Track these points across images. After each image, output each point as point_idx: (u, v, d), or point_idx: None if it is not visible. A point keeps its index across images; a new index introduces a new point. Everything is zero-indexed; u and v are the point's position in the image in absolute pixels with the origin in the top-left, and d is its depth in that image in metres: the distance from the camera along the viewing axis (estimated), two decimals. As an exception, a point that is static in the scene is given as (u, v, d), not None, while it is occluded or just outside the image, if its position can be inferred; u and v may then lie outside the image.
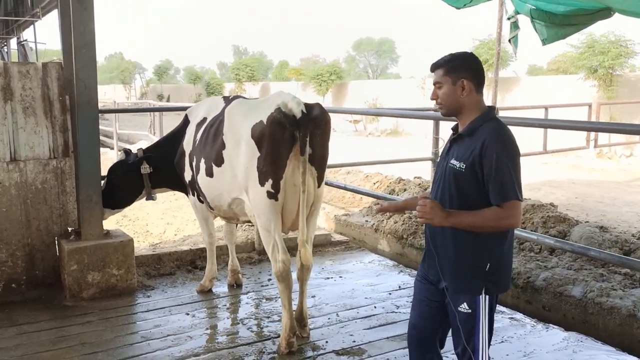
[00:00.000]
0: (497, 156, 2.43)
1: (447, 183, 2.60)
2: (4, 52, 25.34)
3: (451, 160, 2.58)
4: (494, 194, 2.46)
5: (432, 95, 2.65)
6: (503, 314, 4.43)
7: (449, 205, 2.57)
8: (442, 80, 2.61)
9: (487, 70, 22.94)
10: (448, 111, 2.64)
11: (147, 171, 4.62)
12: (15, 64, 4.54)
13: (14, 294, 4.59)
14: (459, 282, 2.61)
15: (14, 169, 4.53)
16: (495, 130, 2.51)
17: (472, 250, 2.57)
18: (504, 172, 2.44)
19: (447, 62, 2.63)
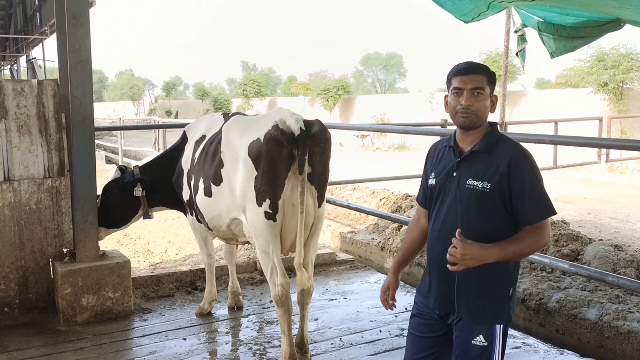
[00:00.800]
0: (530, 173, 2.30)
1: (465, 207, 2.34)
2: (14, 70, 25.59)
3: (468, 181, 2.34)
4: (532, 212, 2.29)
5: (468, 100, 2.31)
6: (515, 339, 4.22)
7: (471, 231, 2.30)
8: (485, 88, 2.35)
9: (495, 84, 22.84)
10: (475, 124, 2.36)
11: (140, 194, 4.48)
12: (9, 82, 4.45)
13: (6, 319, 4.44)
14: (481, 313, 2.37)
15: (7, 189, 4.41)
16: (520, 147, 2.37)
17: (495, 275, 2.35)
18: (541, 188, 2.31)
19: (487, 70, 2.39)
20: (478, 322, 2.37)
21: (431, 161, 2.56)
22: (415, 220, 2.69)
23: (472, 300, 2.36)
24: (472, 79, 2.33)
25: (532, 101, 21.55)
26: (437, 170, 2.47)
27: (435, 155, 2.55)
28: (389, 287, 2.71)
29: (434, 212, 2.47)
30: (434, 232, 2.48)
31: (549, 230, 2.32)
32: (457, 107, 2.34)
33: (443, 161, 2.47)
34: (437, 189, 2.45)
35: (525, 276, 4.96)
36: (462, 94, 2.33)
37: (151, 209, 4.63)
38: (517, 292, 4.63)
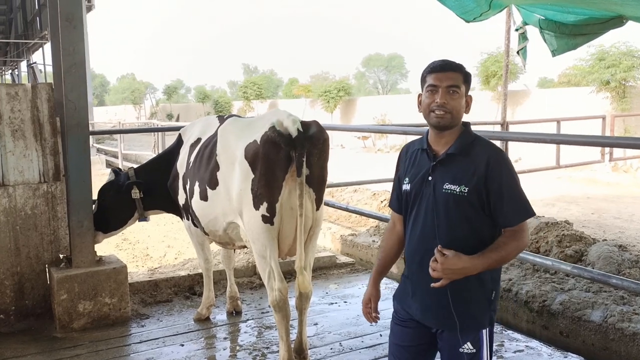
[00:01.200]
0: (507, 174, 2.22)
1: (444, 212, 2.24)
2: (15, 74, 25.64)
3: (445, 185, 2.23)
4: (511, 214, 2.21)
5: (443, 98, 2.21)
6: (518, 342, 4.15)
7: (451, 237, 2.23)
8: (460, 86, 2.26)
9: (496, 83, 22.76)
10: (450, 124, 2.26)
11: (137, 196, 4.43)
12: (3, 86, 4.39)
13: (1, 325, 4.38)
14: (466, 321, 2.28)
15: (2, 194, 4.35)
16: (496, 148, 2.29)
17: (478, 283, 2.26)
18: (519, 190, 2.24)
19: (463, 68, 2.31)
20: (464, 330, 2.28)
21: (404, 165, 2.45)
22: (390, 226, 2.57)
23: (456, 310, 2.27)
24: (447, 76, 2.24)
25: (534, 100, 21.47)
26: (410, 175, 2.37)
27: (408, 158, 2.44)
28: (370, 298, 2.59)
29: (411, 218, 2.37)
30: (412, 239, 2.38)
31: (527, 232, 2.27)
32: (431, 104, 2.25)
33: (416, 165, 2.36)
34: (412, 194, 2.34)
35: (528, 278, 4.89)
36: (437, 91, 2.23)
37: (147, 212, 4.57)
38: (520, 293, 4.58)
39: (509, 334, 4.31)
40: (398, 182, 2.46)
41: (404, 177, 2.39)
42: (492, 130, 8.40)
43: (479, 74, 24.11)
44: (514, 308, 4.62)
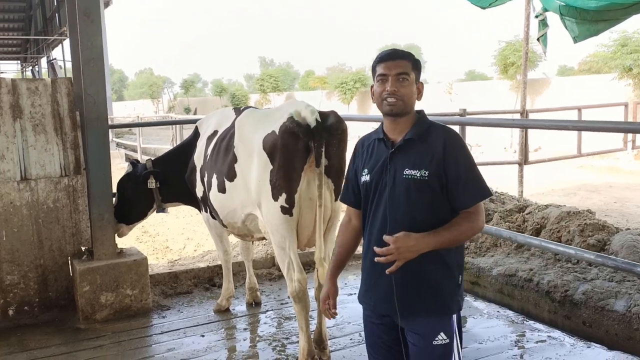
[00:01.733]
0: (463, 156, 2.25)
1: (405, 198, 2.23)
2: (35, 71, 25.97)
3: (405, 171, 2.23)
4: (467, 196, 2.22)
5: (393, 85, 2.22)
6: (540, 332, 4.11)
7: (412, 222, 2.21)
8: (410, 73, 2.26)
9: (515, 72, 22.47)
10: (402, 110, 2.26)
11: (154, 186, 4.46)
12: (23, 81, 4.44)
13: (26, 317, 4.46)
14: (437, 309, 2.25)
15: (24, 188, 4.42)
16: (451, 131, 2.31)
17: (443, 264, 2.25)
18: (475, 171, 2.27)
19: (411, 56, 2.30)
20: (436, 319, 2.25)
21: (360, 157, 2.42)
22: (346, 221, 2.53)
23: (424, 295, 2.24)
24: (396, 64, 2.26)
25: (554, 89, 21.16)
26: (369, 166, 2.34)
27: (365, 150, 2.41)
28: (328, 295, 2.53)
29: (371, 210, 2.33)
30: (372, 231, 2.32)
31: (483, 215, 2.28)
32: (382, 93, 2.25)
33: (374, 155, 2.35)
34: (372, 184, 2.32)
35: (550, 267, 4.82)
36: (387, 79, 2.25)
37: (165, 204, 4.60)
38: (542, 283, 4.53)
39: (530, 324, 4.27)
40: (355, 175, 2.43)
41: (362, 169, 2.37)
42: (512, 119, 8.28)
43: (496, 63, 23.81)
44: (535, 298, 4.56)
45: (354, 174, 2.44)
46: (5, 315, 4.41)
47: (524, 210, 5.93)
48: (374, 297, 2.33)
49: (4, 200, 4.34)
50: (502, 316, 4.44)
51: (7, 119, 4.30)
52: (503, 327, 4.22)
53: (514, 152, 18.49)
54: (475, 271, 5.12)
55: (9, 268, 4.40)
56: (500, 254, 5.31)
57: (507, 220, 5.82)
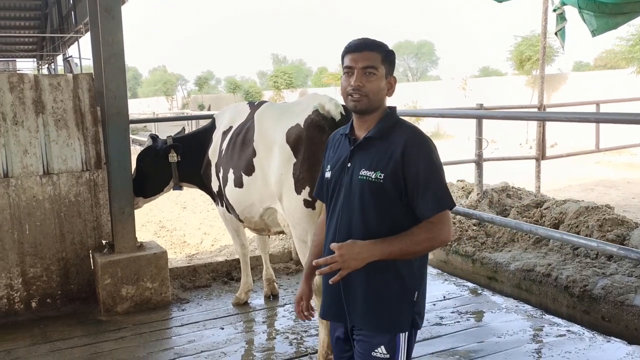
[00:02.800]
0: (425, 160, 2.01)
1: (358, 201, 2.04)
2: (52, 68, 26.21)
3: (360, 172, 2.04)
4: (427, 204, 1.99)
5: (358, 80, 2.01)
6: (559, 327, 4.10)
7: (365, 229, 2.03)
8: (379, 67, 2.04)
9: (531, 67, 22.29)
10: (367, 107, 2.05)
11: (175, 160, 4.48)
12: (46, 77, 4.51)
13: (49, 309, 4.54)
14: (381, 318, 2.06)
15: (47, 182, 4.49)
16: (416, 131, 2.08)
17: (395, 276, 2.05)
18: (438, 178, 2.02)
19: (382, 47, 2.08)
20: (376, 330, 2.08)
21: (328, 152, 2.26)
22: (323, 219, 2.34)
23: (366, 306, 2.07)
24: (363, 56, 2.03)
25: (570, 84, 20.96)
26: (332, 163, 2.18)
27: (333, 145, 2.24)
28: (301, 297, 2.33)
29: (330, 209, 2.17)
30: (328, 231, 2.17)
31: (448, 226, 2.02)
32: (347, 88, 2.05)
33: (338, 151, 2.18)
34: (332, 182, 2.15)
35: (568, 262, 4.80)
36: (352, 73, 2.04)
37: (181, 182, 4.63)
38: (560, 278, 4.51)
39: (549, 319, 4.26)
40: (322, 170, 2.29)
41: (327, 164, 2.22)
42: (531, 111, 8.21)
43: (512, 58, 23.64)
44: (554, 293, 4.55)
45: (322, 168, 2.30)
46: (28, 307, 4.49)
47: (541, 206, 5.91)
48: (326, 301, 2.19)
49: (27, 194, 4.41)
50: (521, 310, 4.43)
51: (30, 114, 4.37)
52: (522, 322, 4.21)
53: (529, 148, 18.36)
54: (492, 266, 5.12)
55: (32, 261, 4.48)
56: (517, 249, 5.30)
57: (524, 216, 5.81)
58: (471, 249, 5.46)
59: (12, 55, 26.80)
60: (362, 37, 2.11)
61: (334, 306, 2.15)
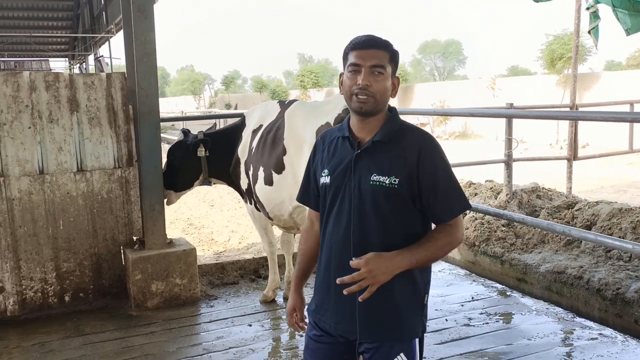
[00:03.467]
0: (441, 165, 1.98)
1: (372, 207, 1.95)
2: (83, 68, 26.71)
3: (372, 177, 1.95)
4: (445, 208, 1.97)
5: (366, 79, 1.92)
6: (591, 330, 4.03)
7: (384, 236, 1.95)
8: (386, 66, 1.96)
9: (563, 66, 21.91)
10: (373, 109, 1.97)
11: (203, 154, 4.52)
12: (80, 76, 4.60)
13: (82, 303, 4.64)
14: (401, 328, 1.99)
15: (81, 179, 4.58)
16: (428, 135, 2.04)
17: (410, 283, 1.99)
18: (454, 181, 2.00)
19: (390, 46, 2.00)
20: (395, 340, 2.00)
21: (321, 155, 2.12)
22: (308, 226, 2.24)
23: (388, 318, 1.99)
24: (371, 54, 1.95)
25: (602, 84, 20.53)
26: (330, 166, 2.05)
27: (326, 147, 2.11)
28: (294, 308, 2.22)
29: (331, 216, 2.04)
30: (332, 241, 2.04)
31: (462, 226, 2.01)
32: (353, 87, 1.96)
33: (337, 155, 2.05)
34: (332, 188, 2.03)
35: (601, 265, 4.71)
36: (359, 71, 1.94)
37: (211, 178, 4.67)
38: (592, 281, 4.43)
39: (580, 322, 4.19)
40: (314, 174, 2.15)
41: (322, 169, 2.08)
42: (564, 111, 8.07)
43: (543, 57, 23.27)
44: (585, 296, 4.47)
45: (312, 173, 2.16)
46: (62, 301, 4.60)
47: (573, 207, 5.81)
48: (333, 317, 2.04)
49: (62, 190, 4.51)
50: (551, 313, 4.37)
51: (65, 112, 4.47)
52: (552, 324, 4.15)
53: (560, 149, 18.06)
54: (522, 268, 5.05)
55: (66, 256, 4.58)
56: (548, 250, 5.22)
57: (555, 217, 5.72)
58: (500, 249, 5.40)
59: (45, 55, 27.41)
60: (368, 34, 2.02)
61: (343, 322, 2.01)
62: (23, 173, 4.38)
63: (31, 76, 4.36)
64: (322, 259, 2.09)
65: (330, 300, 2.03)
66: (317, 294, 2.12)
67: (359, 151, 1.99)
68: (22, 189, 4.38)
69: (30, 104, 4.35)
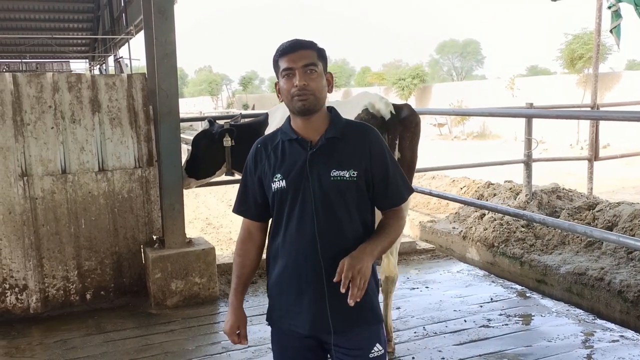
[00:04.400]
0: (388, 153, 2.10)
1: (337, 203, 2.00)
2: (102, 69, 27.05)
3: (332, 172, 2.00)
4: (399, 193, 2.09)
5: (302, 79, 1.97)
6: (612, 332, 3.98)
7: (351, 229, 2.01)
8: (317, 63, 2.02)
9: (583, 65, 21.63)
10: (315, 106, 2.01)
11: (229, 144, 4.51)
12: (102, 76, 4.67)
13: (102, 301, 4.70)
14: (372, 317, 2.05)
15: (102, 179, 4.65)
16: (371, 127, 2.13)
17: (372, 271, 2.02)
18: (399, 167, 2.13)
19: (315, 45, 2.07)
20: (370, 326, 2.04)
21: (267, 162, 2.10)
22: (245, 237, 2.20)
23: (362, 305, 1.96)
24: (300, 55, 2.01)
25: (624, 84, 20.23)
26: (283, 170, 2.05)
27: (270, 153, 2.11)
28: (237, 325, 2.19)
29: (292, 218, 2.03)
30: (299, 241, 2.02)
31: (407, 208, 2.20)
32: (291, 89, 2.00)
33: (288, 158, 2.06)
34: (290, 190, 2.03)
35: (622, 267, 4.66)
36: (293, 74, 2.00)
37: (233, 169, 4.65)
38: (614, 282, 4.39)
39: (601, 324, 4.15)
40: (257, 183, 2.13)
41: (273, 174, 2.06)
42: (586, 110, 7.97)
43: (562, 57, 23.00)
44: (606, 298, 4.42)
45: (256, 181, 2.13)
46: (83, 299, 4.66)
47: (594, 208, 5.74)
48: (309, 318, 2.02)
49: (84, 190, 4.58)
50: (572, 315, 4.32)
51: (87, 112, 4.54)
52: (573, 326, 4.11)
53: (580, 149, 17.83)
54: (542, 269, 5.01)
55: (87, 254, 4.64)
56: (568, 251, 5.17)
57: (576, 218, 5.66)
58: (519, 250, 5.36)
59: (66, 56, 27.81)
60: (293, 39, 2.08)
61: (319, 320, 2.00)
62: (46, 172, 4.45)
63: (54, 77, 4.44)
64: (281, 264, 2.06)
65: (303, 302, 2.02)
66: (280, 300, 2.09)
67: (313, 150, 2.03)
68: (45, 188, 4.46)
69: (53, 105, 4.42)
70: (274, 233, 2.11)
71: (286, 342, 2.12)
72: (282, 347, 2.14)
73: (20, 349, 3.96)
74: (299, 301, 2.03)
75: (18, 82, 4.32)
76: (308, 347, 2.08)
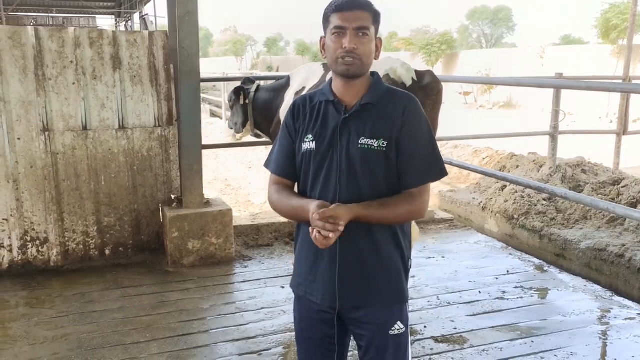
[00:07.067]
0: (424, 127, 1.95)
1: (355, 174, 1.90)
2: (128, 26, 26.98)
3: (361, 140, 1.89)
4: (419, 173, 1.92)
5: (352, 42, 1.86)
6: (629, 309, 3.92)
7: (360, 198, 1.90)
8: (370, 27, 1.90)
9: (618, 36, 20.91)
10: (360, 71, 1.91)
11: (242, 102, 4.72)
12: (123, 33, 4.63)
13: (121, 257, 4.78)
14: (393, 295, 1.97)
15: (122, 136, 4.66)
16: (413, 98, 1.99)
17: (395, 244, 1.96)
18: (434, 145, 1.96)
19: (372, 5, 1.94)
20: (390, 304, 1.97)
21: (303, 120, 2.01)
22: (279, 188, 2.07)
23: (381, 280, 1.95)
24: (356, 15, 1.87)
25: (659, 56, 19.50)
26: (316, 132, 1.96)
27: (308, 112, 2.01)
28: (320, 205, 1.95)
29: (318, 183, 1.95)
30: None
31: (426, 199, 1.93)
32: (338, 50, 1.89)
33: (322, 119, 1.98)
34: (318, 154, 1.94)
35: (644, 244, 4.56)
36: (344, 34, 1.88)
37: (256, 129, 4.85)
38: (634, 260, 4.30)
39: (619, 301, 4.09)
40: (290, 140, 2.03)
41: (305, 134, 1.98)
42: (613, 82, 7.72)
43: (597, 26, 22.25)
44: (626, 275, 4.34)
45: (290, 139, 2.04)
46: (102, 254, 4.74)
47: (619, 183, 5.61)
48: (316, 287, 1.98)
49: (104, 146, 4.60)
50: (589, 290, 4.27)
51: (108, 69, 4.52)
52: (589, 302, 4.06)
53: (609, 122, 17.39)
54: (561, 243, 4.93)
55: (107, 211, 4.70)
56: (590, 227, 5.07)
57: (600, 193, 5.53)
58: (539, 224, 5.28)
59: (93, 12, 27.76)
60: None
61: (330, 291, 1.94)
62: (67, 128, 4.47)
63: (76, 32, 4.41)
64: (304, 227, 1.99)
65: (318, 270, 1.97)
66: (302, 266, 2.04)
67: (346, 115, 1.94)
68: (66, 144, 4.49)
69: (75, 60, 4.41)
70: (301, 194, 2.03)
71: (304, 312, 2.06)
72: (301, 316, 2.08)
73: (40, 300, 4.06)
74: (314, 269, 1.98)
75: (40, 36, 4.31)
76: (324, 320, 2.00)
